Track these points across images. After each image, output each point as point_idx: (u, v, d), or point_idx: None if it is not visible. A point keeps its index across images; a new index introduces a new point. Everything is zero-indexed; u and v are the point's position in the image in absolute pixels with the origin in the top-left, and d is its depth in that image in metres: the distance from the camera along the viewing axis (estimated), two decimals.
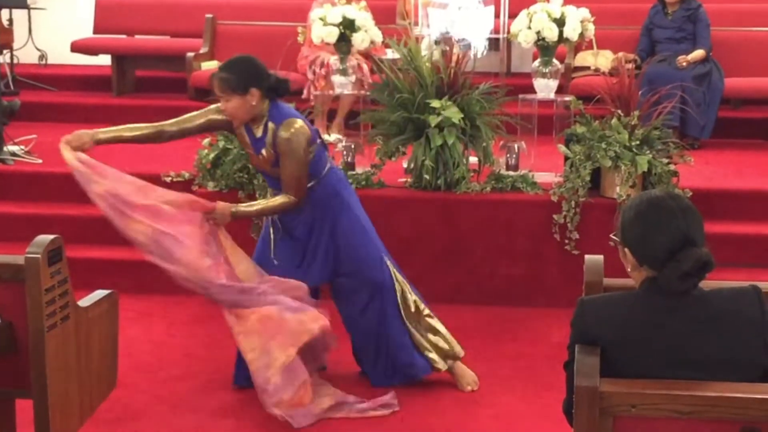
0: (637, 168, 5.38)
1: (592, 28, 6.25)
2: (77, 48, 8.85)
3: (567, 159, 5.58)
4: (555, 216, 5.54)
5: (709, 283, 2.51)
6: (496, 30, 6.77)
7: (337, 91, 6.51)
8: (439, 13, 6.54)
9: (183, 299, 5.64)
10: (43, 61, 9.65)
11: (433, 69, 5.67)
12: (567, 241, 5.53)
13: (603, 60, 7.48)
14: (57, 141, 4.22)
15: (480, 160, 5.76)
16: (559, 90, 6.37)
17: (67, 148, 4.23)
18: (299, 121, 4.16)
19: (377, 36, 6.29)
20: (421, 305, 4.47)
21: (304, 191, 4.21)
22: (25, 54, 9.42)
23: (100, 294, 3.55)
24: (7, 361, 3.21)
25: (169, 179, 5.93)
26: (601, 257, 2.94)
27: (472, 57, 6.03)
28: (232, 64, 4.20)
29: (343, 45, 6.24)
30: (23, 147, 6.75)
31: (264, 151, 4.20)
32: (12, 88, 8.50)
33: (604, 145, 5.43)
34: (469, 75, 5.75)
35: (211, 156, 5.75)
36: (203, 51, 8.22)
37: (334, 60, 6.45)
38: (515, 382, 4.61)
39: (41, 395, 3.16)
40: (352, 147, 6.02)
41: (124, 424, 4.14)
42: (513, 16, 6.39)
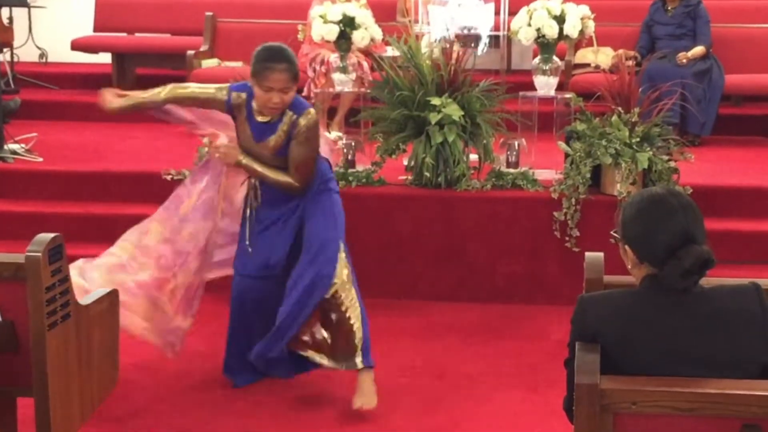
0: (638, 165, 5.38)
1: (592, 25, 6.25)
2: (77, 46, 8.85)
3: (567, 156, 5.58)
4: (555, 213, 5.54)
5: (710, 280, 2.51)
6: (497, 27, 6.77)
7: (338, 88, 6.51)
8: (440, 11, 6.54)
9: None
10: (44, 60, 9.65)
11: (433, 66, 5.67)
12: (567, 238, 5.53)
13: (603, 57, 7.49)
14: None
15: (480, 158, 5.76)
16: (560, 87, 6.37)
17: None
18: (313, 111, 4.24)
19: (377, 33, 6.28)
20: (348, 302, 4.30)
21: (311, 180, 4.24)
22: (25, 52, 9.43)
23: (100, 292, 3.55)
24: (8, 360, 3.21)
25: (170, 177, 5.93)
26: (601, 254, 2.94)
27: (472, 54, 6.03)
28: (287, 54, 4.14)
29: (343, 42, 6.23)
30: (24, 145, 6.75)
31: (273, 138, 4.20)
32: (12, 86, 8.50)
33: (604, 142, 5.44)
34: (469, 72, 5.75)
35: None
36: (203, 49, 8.21)
37: (334, 58, 6.44)
38: (516, 380, 4.61)
39: (42, 393, 3.16)
40: (353, 145, 6.02)
41: (126, 422, 4.15)
42: (513, 13, 6.38)
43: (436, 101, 5.52)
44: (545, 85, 6.14)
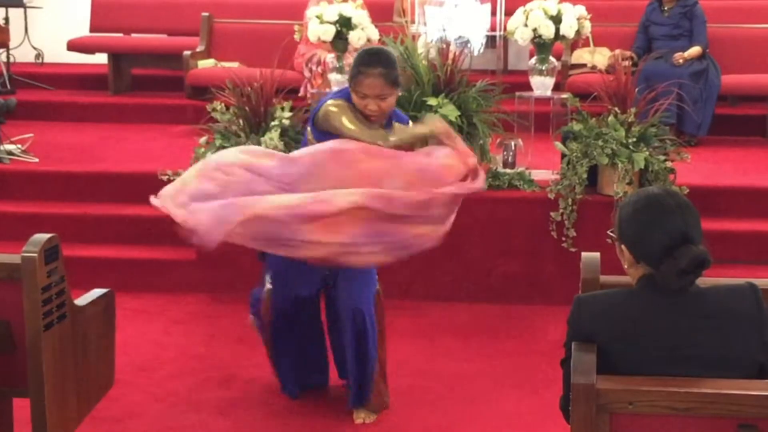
0: (634, 165, 5.38)
1: (588, 26, 6.25)
2: (74, 46, 8.85)
3: (564, 156, 5.58)
4: (552, 213, 5.54)
5: (706, 280, 2.51)
6: (493, 28, 6.77)
7: (334, 89, 6.51)
8: (436, 11, 6.54)
9: (180, 298, 5.66)
10: (40, 60, 9.64)
11: (429, 67, 5.67)
12: (564, 238, 5.54)
13: (600, 57, 7.49)
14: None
15: (477, 158, 5.76)
16: (556, 87, 6.37)
17: None
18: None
19: (374, 34, 6.28)
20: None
21: None
22: (21, 53, 9.42)
23: (97, 293, 3.54)
24: (3, 360, 3.21)
25: (166, 177, 5.92)
26: (597, 254, 2.93)
27: (469, 54, 6.03)
28: (388, 58, 3.88)
29: (339, 43, 6.23)
30: (20, 146, 6.75)
31: None
32: (8, 86, 8.49)
33: (600, 142, 5.44)
34: (465, 73, 5.75)
35: (208, 154, 5.74)
36: (200, 49, 8.21)
37: (330, 58, 6.44)
38: (512, 380, 4.61)
39: (38, 394, 3.15)
40: None
41: (122, 423, 4.14)
42: (509, 13, 6.38)
43: (432, 101, 5.52)
44: (542, 85, 6.14)
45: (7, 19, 9.12)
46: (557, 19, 6.03)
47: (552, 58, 6.17)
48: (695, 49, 7.27)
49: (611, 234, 2.62)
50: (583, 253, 2.96)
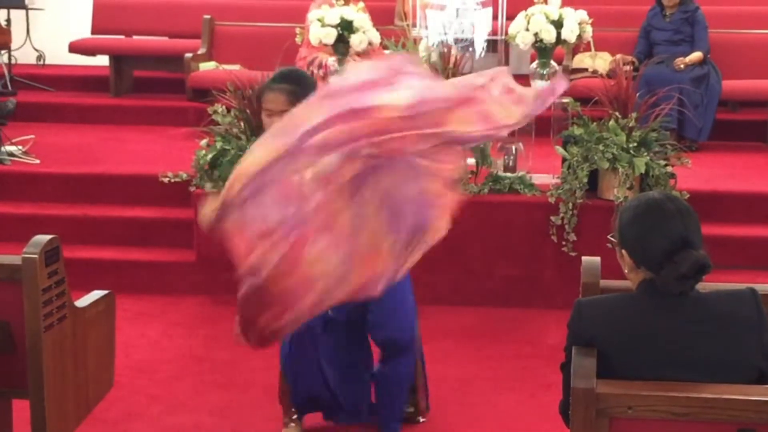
0: (635, 170, 5.38)
1: (589, 30, 6.25)
2: (75, 48, 8.85)
3: (564, 161, 5.58)
4: (552, 218, 5.54)
5: (706, 285, 2.52)
6: (494, 32, 6.76)
7: None
8: (438, 15, 6.54)
9: (180, 300, 5.66)
10: (41, 62, 9.64)
11: (431, 70, 5.66)
12: (564, 242, 5.53)
13: (601, 62, 7.49)
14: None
15: (478, 162, 5.76)
16: None
17: None
18: None
19: (375, 37, 6.29)
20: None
21: None
22: (22, 54, 9.42)
23: (97, 294, 3.55)
24: (3, 361, 3.21)
25: (167, 180, 5.93)
26: (598, 259, 2.94)
27: (470, 58, 6.03)
28: (300, 78, 3.71)
29: (340, 46, 6.23)
30: (21, 147, 6.75)
31: None
32: (9, 88, 8.50)
33: (601, 147, 5.44)
34: None
35: (209, 157, 5.74)
36: (201, 52, 8.21)
37: (332, 61, 6.45)
38: (512, 383, 4.61)
39: (38, 395, 3.16)
40: None
41: (121, 425, 4.14)
42: (511, 17, 6.38)
43: None
44: None
45: (8, 21, 9.13)
46: (558, 24, 6.03)
47: (553, 63, 6.17)
48: (696, 55, 7.28)
49: (612, 238, 2.62)
50: (584, 258, 2.97)
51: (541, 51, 6.11)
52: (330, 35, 6.16)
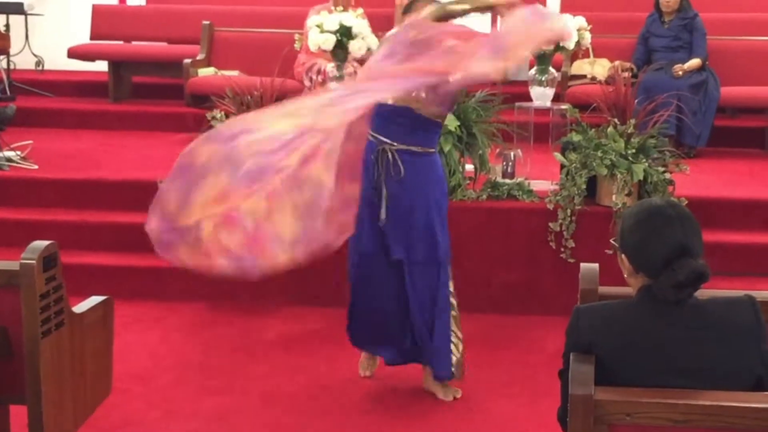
0: (633, 176, 5.38)
1: (588, 37, 6.26)
2: (74, 54, 8.86)
3: (563, 167, 5.58)
4: (551, 224, 5.54)
5: (705, 291, 2.51)
6: None
7: None
8: None
9: (178, 305, 5.66)
10: (40, 67, 9.66)
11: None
12: (563, 249, 5.54)
13: (599, 68, 7.50)
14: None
15: (476, 168, 5.77)
16: (556, 98, 6.38)
17: None
18: None
19: (374, 43, 6.29)
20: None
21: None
22: (21, 60, 9.44)
23: (95, 300, 3.55)
24: (1, 367, 3.20)
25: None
26: (596, 265, 2.94)
27: None
28: None
29: (339, 52, 6.24)
30: (19, 153, 6.75)
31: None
32: (8, 93, 8.50)
33: (600, 153, 5.44)
34: None
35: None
36: (200, 57, 8.22)
37: (330, 67, 6.45)
38: (511, 390, 4.61)
39: (35, 401, 3.15)
40: None
41: (119, 431, 4.13)
42: None
43: None
44: (541, 95, 6.15)
45: (7, 26, 9.15)
46: None
47: (552, 69, 6.18)
48: (695, 61, 7.29)
49: (613, 243, 2.62)
50: (582, 264, 2.97)
51: (540, 57, 6.12)
52: (329, 41, 6.17)
